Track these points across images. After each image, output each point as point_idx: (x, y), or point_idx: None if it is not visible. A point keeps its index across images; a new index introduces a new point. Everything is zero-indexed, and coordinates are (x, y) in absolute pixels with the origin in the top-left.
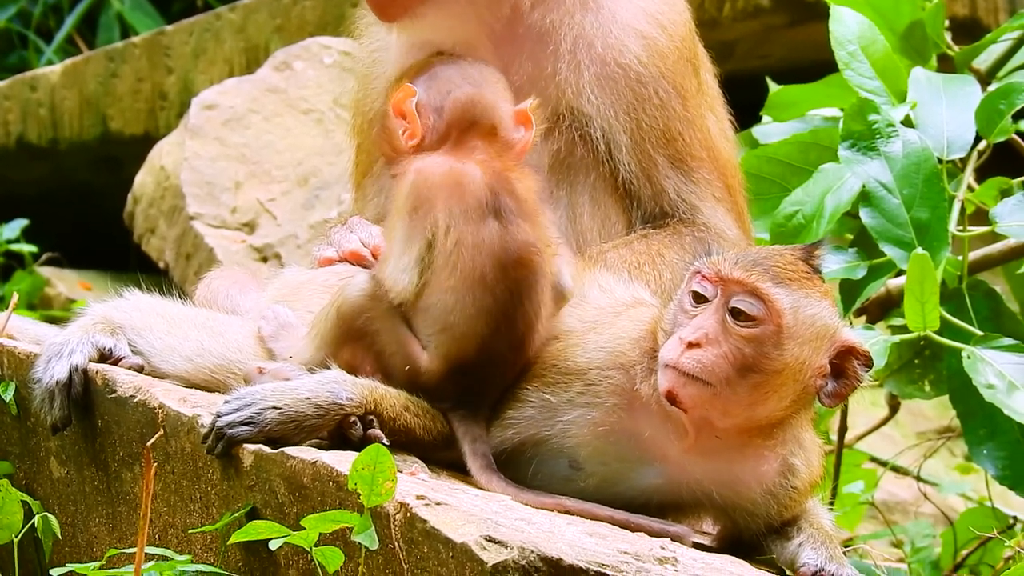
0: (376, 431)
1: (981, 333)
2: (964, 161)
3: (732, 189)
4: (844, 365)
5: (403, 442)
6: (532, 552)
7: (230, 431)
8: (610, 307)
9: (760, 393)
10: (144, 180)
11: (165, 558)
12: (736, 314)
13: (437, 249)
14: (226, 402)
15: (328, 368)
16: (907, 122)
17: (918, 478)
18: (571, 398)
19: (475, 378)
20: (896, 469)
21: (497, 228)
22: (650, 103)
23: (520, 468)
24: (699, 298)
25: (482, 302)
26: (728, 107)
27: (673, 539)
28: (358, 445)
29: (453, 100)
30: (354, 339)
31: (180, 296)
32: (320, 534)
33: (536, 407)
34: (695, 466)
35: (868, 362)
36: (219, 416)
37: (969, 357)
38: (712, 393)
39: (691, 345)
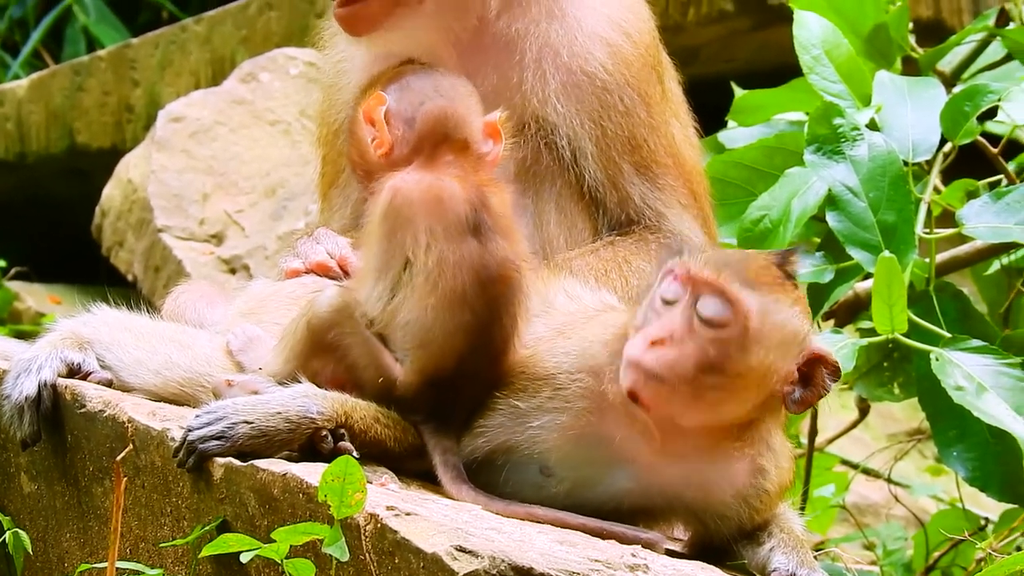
0: (346, 444)
1: (949, 335)
2: (930, 163)
3: (698, 195)
4: (812, 373)
5: (374, 454)
6: (503, 561)
7: (202, 445)
8: (579, 313)
9: (723, 395)
10: (112, 193)
11: (137, 572)
12: (703, 315)
13: (417, 267)
14: (197, 416)
15: (298, 381)
16: (872, 125)
17: (889, 480)
18: (540, 403)
19: (450, 392)
20: (867, 472)
21: (476, 245)
22: (615, 110)
23: (491, 475)
24: (669, 297)
25: (461, 319)
26: (693, 112)
27: (645, 546)
28: (328, 458)
29: (425, 112)
30: (324, 352)
31: (149, 309)
32: (291, 546)
33: (505, 414)
34: (665, 469)
35: (836, 372)
36: (190, 430)
37: (938, 359)
38: (673, 392)
39: (655, 343)
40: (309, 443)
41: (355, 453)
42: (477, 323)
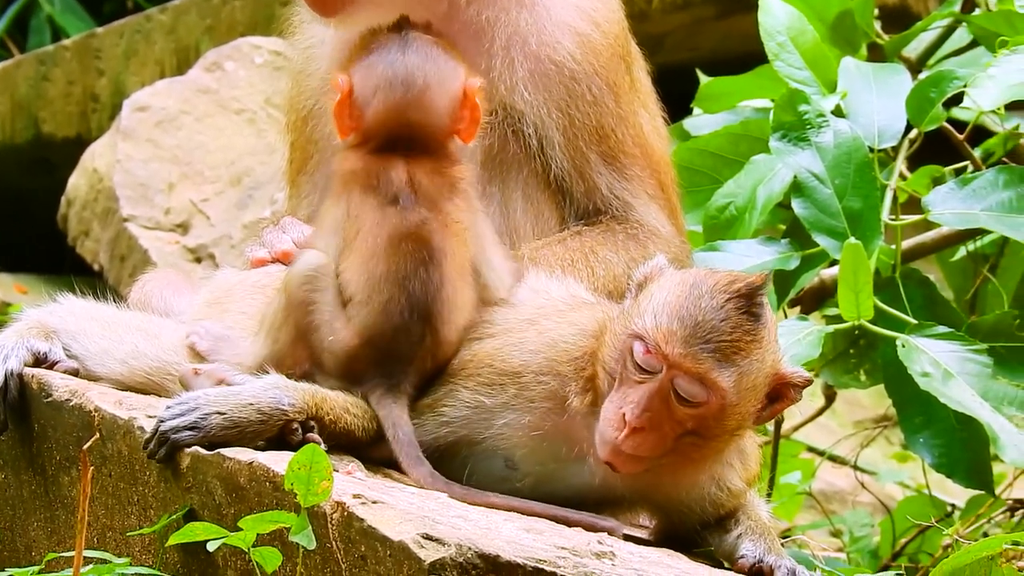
0: (314, 435)
1: (915, 321)
2: (896, 150)
3: (665, 186)
4: (780, 391)
5: (344, 444)
6: (469, 549)
7: (174, 436)
8: (548, 306)
9: (697, 450)
10: (77, 183)
11: (104, 561)
12: (681, 395)
13: (346, 232)
14: (168, 407)
15: (267, 373)
16: (838, 112)
17: (855, 467)
18: (505, 401)
19: (387, 352)
20: (833, 459)
21: (394, 212)
22: (583, 100)
23: (455, 466)
24: (644, 366)
25: (376, 269)
26: (659, 100)
27: (603, 532)
28: (296, 448)
29: (379, 100)
30: (301, 320)
31: (115, 299)
32: (258, 535)
33: (471, 408)
34: (629, 475)
35: (807, 384)
36: (162, 421)
37: (904, 346)
38: (649, 461)
39: (635, 430)
40: (279, 434)
41: (323, 445)
42: (392, 273)
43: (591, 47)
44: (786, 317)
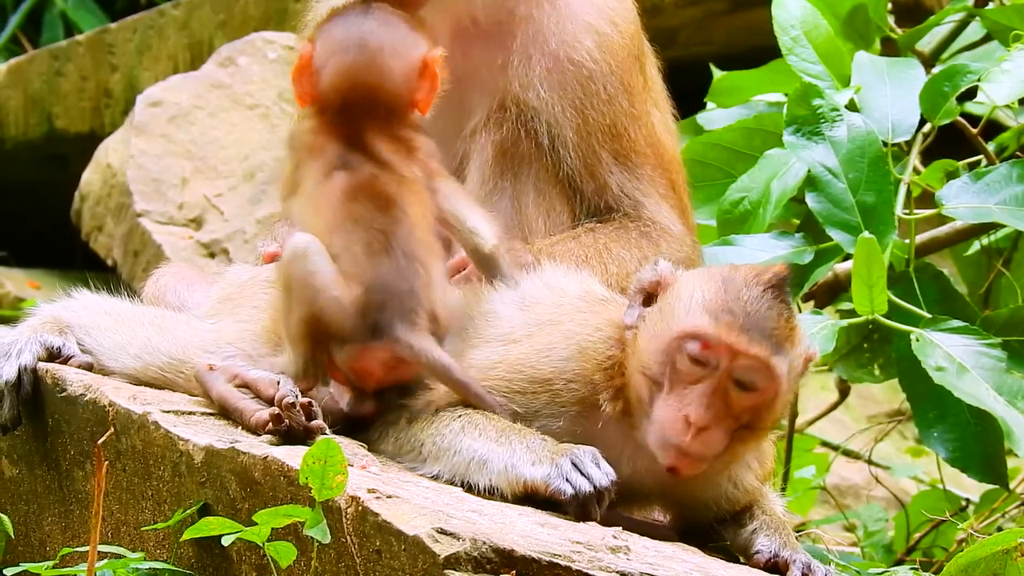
0: (319, 421)
1: (929, 316)
2: (909, 144)
3: (676, 185)
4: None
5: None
6: (484, 543)
7: None
8: (567, 304)
9: (744, 443)
10: (91, 178)
11: (118, 556)
12: (743, 384)
13: (314, 201)
14: None
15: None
16: (851, 106)
17: (869, 462)
18: (537, 409)
19: (390, 288)
20: (847, 453)
21: (345, 174)
22: (598, 99)
23: None
24: (699, 359)
25: (342, 223)
26: (672, 94)
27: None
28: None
29: (333, 67)
30: (306, 298)
31: (129, 294)
32: (272, 529)
33: (506, 416)
34: (649, 474)
35: (813, 358)
36: None
37: (918, 340)
38: (710, 459)
39: (700, 430)
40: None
41: (327, 430)
42: (359, 220)
43: (609, 47)
44: (800, 311)
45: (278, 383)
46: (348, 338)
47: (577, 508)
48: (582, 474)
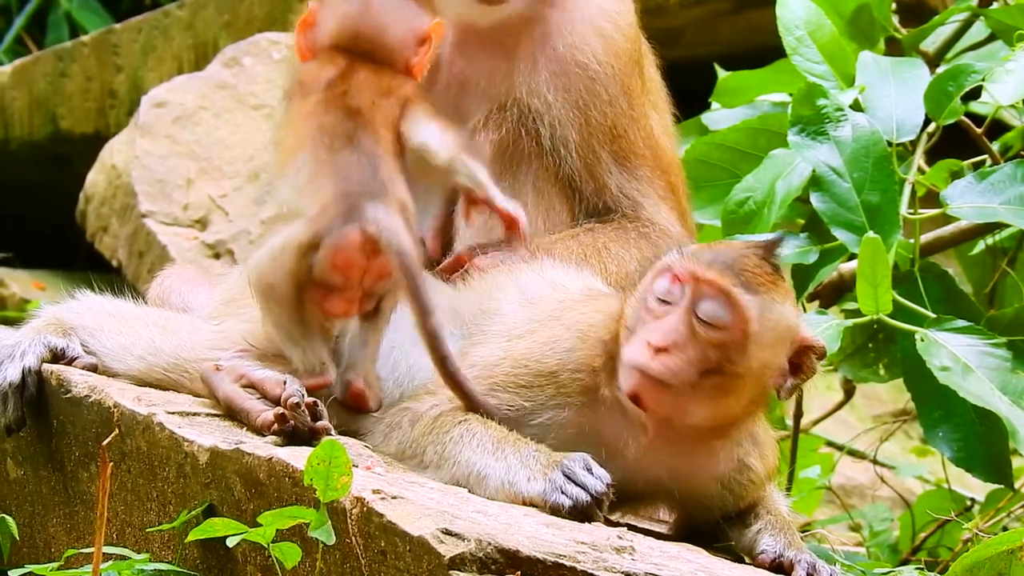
0: (325, 422)
1: (934, 315)
2: (914, 144)
3: (675, 187)
4: (801, 360)
5: None
6: (489, 544)
7: None
8: (568, 299)
9: (721, 394)
10: (96, 179)
11: (123, 557)
12: (704, 319)
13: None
14: None
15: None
16: (856, 106)
17: (875, 462)
18: (543, 402)
19: (350, 176)
20: (852, 453)
21: (320, 94)
22: (600, 100)
23: None
24: (666, 297)
25: (306, 131)
26: (676, 94)
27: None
28: (307, 436)
29: (338, 16)
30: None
31: (134, 295)
32: (277, 530)
33: (513, 410)
34: (652, 463)
35: (823, 354)
36: None
37: (923, 340)
38: (675, 395)
39: (659, 350)
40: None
41: (333, 431)
42: (318, 131)
43: (613, 49)
44: (805, 311)
45: (284, 383)
46: (323, 239)
47: (579, 517)
48: (576, 484)
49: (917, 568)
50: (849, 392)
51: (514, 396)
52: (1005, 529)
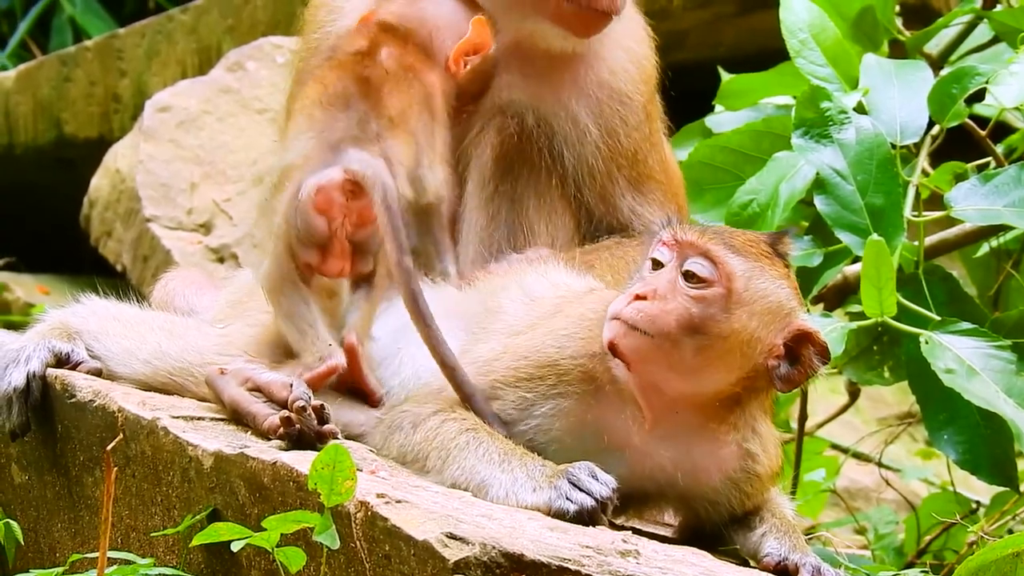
0: (332, 426)
1: (939, 318)
2: (918, 146)
3: (682, 209)
4: (799, 351)
5: None
6: (494, 548)
7: None
8: (569, 295)
9: (704, 358)
10: (100, 183)
11: (128, 562)
12: (688, 275)
13: None
14: None
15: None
16: (860, 108)
17: (880, 464)
18: (544, 391)
19: (328, 142)
20: (857, 456)
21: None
22: (628, 125)
23: None
24: (657, 264)
25: (315, 95)
26: (680, 97)
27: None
28: (314, 439)
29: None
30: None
31: (138, 299)
32: (281, 534)
33: (516, 406)
34: (656, 453)
35: (824, 352)
36: None
37: (927, 342)
38: (653, 346)
39: (637, 297)
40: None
41: (339, 435)
42: (325, 94)
43: (643, 76)
44: (809, 314)
45: (291, 385)
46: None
47: (583, 521)
48: (582, 490)
49: (922, 571)
50: (854, 395)
51: (516, 390)
52: (1011, 532)
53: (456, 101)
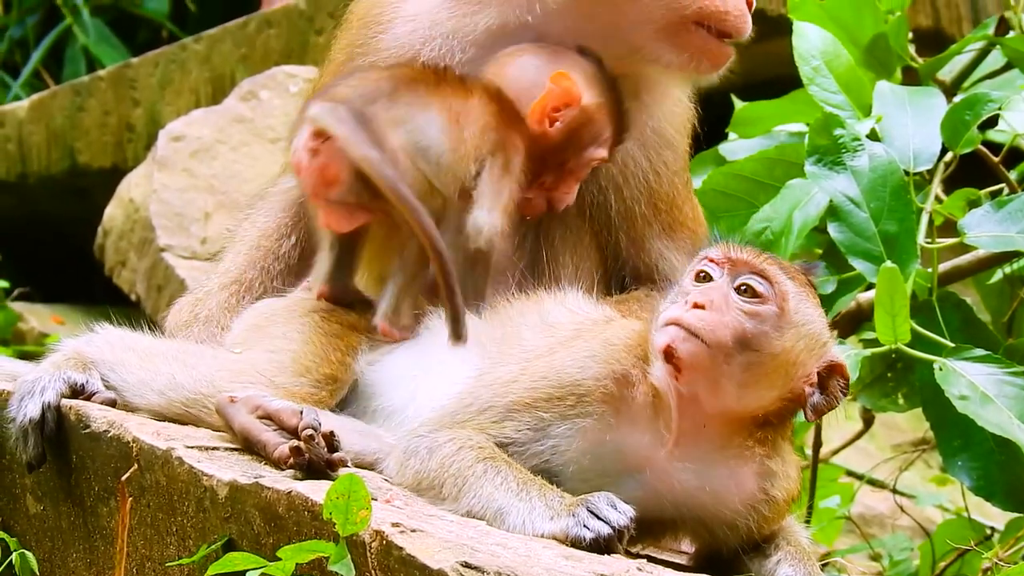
0: (341, 454)
1: (952, 345)
2: (931, 173)
3: None
4: (828, 381)
5: None
6: None
7: None
8: (588, 322)
9: (752, 374)
10: (113, 213)
11: None
12: (742, 290)
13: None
14: None
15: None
16: (873, 136)
17: (894, 491)
18: (563, 412)
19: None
20: (872, 482)
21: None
22: (671, 171)
23: None
24: (703, 278)
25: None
26: (693, 124)
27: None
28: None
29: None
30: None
31: (152, 329)
32: (297, 564)
33: (532, 427)
34: (676, 474)
35: (847, 385)
36: None
37: (941, 369)
38: (708, 355)
39: (696, 306)
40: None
41: (349, 463)
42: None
43: (683, 122)
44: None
45: (301, 412)
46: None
47: (599, 550)
48: (599, 518)
49: None
50: (868, 421)
51: (533, 410)
52: None
53: (555, 156)
